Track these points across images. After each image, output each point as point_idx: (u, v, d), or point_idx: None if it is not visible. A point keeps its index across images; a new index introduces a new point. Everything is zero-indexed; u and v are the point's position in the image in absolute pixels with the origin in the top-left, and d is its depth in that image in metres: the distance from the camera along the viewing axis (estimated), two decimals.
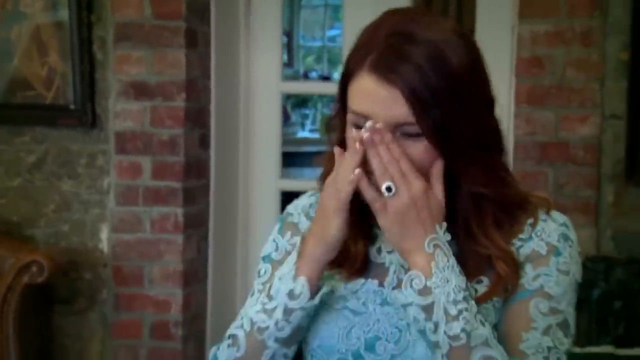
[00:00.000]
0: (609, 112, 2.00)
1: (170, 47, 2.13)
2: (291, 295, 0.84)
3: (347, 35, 2.12)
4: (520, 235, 0.84)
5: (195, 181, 2.25)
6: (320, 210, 0.84)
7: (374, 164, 0.77)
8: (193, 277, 2.19)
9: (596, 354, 1.99)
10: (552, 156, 2.00)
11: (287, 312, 0.84)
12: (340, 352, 0.88)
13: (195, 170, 2.24)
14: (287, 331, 0.85)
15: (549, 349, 0.81)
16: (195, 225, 2.23)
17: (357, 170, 0.77)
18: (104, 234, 2.26)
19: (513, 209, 0.85)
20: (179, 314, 2.15)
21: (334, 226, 0.81)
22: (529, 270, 0.83)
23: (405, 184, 0.78)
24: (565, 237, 0.85)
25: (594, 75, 1.99)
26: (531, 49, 2.00)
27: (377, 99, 0.77)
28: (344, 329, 0.88)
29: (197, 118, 2.24)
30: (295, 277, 0.83)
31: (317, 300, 0.84)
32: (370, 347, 0.87)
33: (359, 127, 0.78)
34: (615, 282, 1.95)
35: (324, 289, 0.84)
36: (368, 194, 0.77)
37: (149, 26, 2.12)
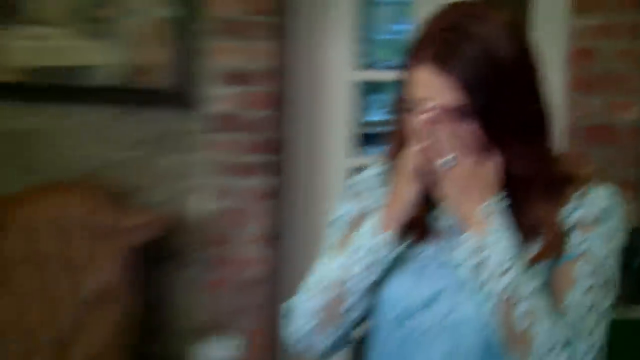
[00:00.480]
0: None
1: (259, 39, 2.27)
2: (374, 249, 0.92)
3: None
4: (568, 205, 0.91)
5: (277, 157, 2.39)
6: (398, 178, 0.92)
7: (437, 138, 0.85)
8: (273, 241, 2.35)
9: (636, 320, 2.06)
10: (598, 138, 2.11)
11: (370, 264, 0.93)
12: (401, 307, 0.97)
13: (278, 147, 2.39)
14: (368, 281, 0.94)
15: (589, 307, 0.86)
16: (276, 196, 2.37)
17: (420, 145, 0.86)
18: (199, 202, 2.40)
19: (559, 183, 0.92)
20: (260, 274, 2.31)
21: (409, 191, 0.89)
22: (576, 236, 0.89)
23: (466, 156, 0.85)
24: (611, 206, 0.91)
25: (639, 66, 2.07)
26: (582, 41, 2.10)
27: (434, 86, 0.84)
28: (407, 287, 0.97)
29: (280, 102, 2.37)
30: (377, 234, 0.92)
31: (396, 253, 0.93)
32: (428, 303, 0.95)
33: (417, 110, 0.87)
34: None
35: (402, 244, 0.93)
36: (431, 164, 0.86)
37: (241, 21, 2.27)
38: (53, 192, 2.36)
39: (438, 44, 0.85)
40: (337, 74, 2.50)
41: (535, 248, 0.90)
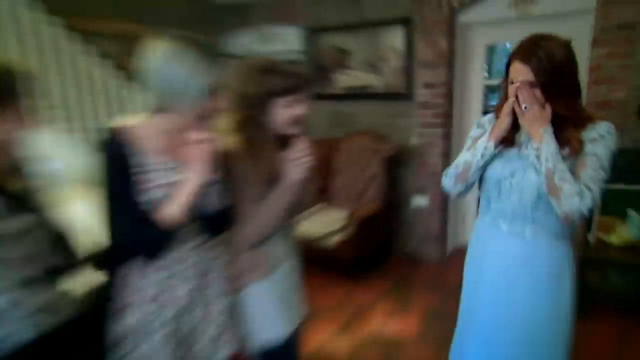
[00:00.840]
0: (634, 85, 2.79)
1: (438, 68, 3.50)
2: (486, 148, 1.29)
3: None
4: (586, 130, 1.20)
5: (446, 120, 3.59)
6: (499, 115, 1.27)
7: (520, 96, 1.17)
8: (444, 156, 3.58)
9: (616, 189, 2.79)
10: (604, 107, 2.90)
11: (483, 155, 1.30)
12: (497, 178, 1.35)
13: (447, 115, 3.60)
14: (481, 164, 1.32)
15: (593, 178, 1.17)
16: (446, 136, 3.59)
17: (512, 99, 1.21)
18: (413, 139, 3.72)
19: (583, 120, 1.22)
20: (439, 168, 3.45)
21: (506, 122, 1.24)
22: (588, 145, 1.18)
23: (534, 105, 1.17)
24: (608, 131, 1.21)
25: (625, 72, 2.77)
26: (596, 60, 2.91)
27: (520, 72, 1.17)
28: (500, 167, 1.33)
29: (448, 96, 3.56)
30: (487, 141, 1.28)
31: (496, 151, 1.29)
32: (510, 176, 1.32)
33: (512, 83, 1.21)
34: None
35: (499, 147, 1.29)
36: (517, 109, 1.20)
37: (430, 61, 3.51)
38: (357, 136, 3.82)
39: (523, 51, 1.17)
40: (475, 82, 3.63)
41: (567, 151, 1.21)
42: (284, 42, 4.26)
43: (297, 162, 1.40)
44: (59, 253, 1.23)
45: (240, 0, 4.36)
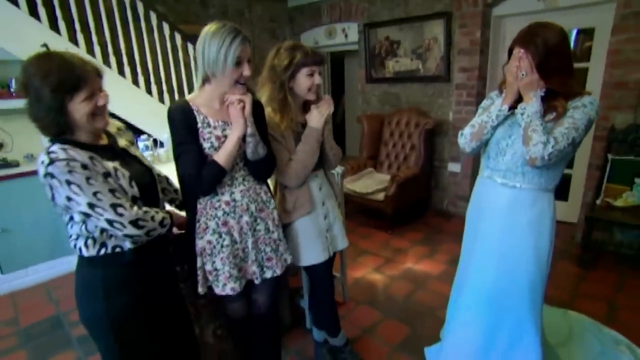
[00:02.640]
0: None
1: (473, 55, 3.50)
2: (500, 111, 1.30)
3: None
4: (573, 101, 1.23)
5: (480, 98, 3.55)
6: (508, 82, 1.29)
7: (522, 64, 1.19)
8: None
9: None
10: (620, 87, 2.79)
11: (497, 116, 1.31)
12: (497, 139, 1.37)
13: (479, 94, 3.57)
14: (493, 124, 1.33)
15: (563, 134, 1.18)
16: None
17: (515, 64, 1.22)
18: (450, 114, 3.67)
19: (573, 94, 1.24)
20: None
21: (515, 86, 1.25)
22: (570, 110, 1.21)
23: (531, 73, 1.18)
24: (590, 102, 1.23)
25: None
26: (615, 45, 2.77)
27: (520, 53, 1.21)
28: (503, 131, 1.37)
29: (480, 78, 3.56)
30: (502, 105, 1.30)
31: (509, 113, 1.29)
32: (508, 137, 1.35)
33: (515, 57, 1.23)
34: None
35: (510, 111, 1.32)
36: (518, 74, 1.21)
37: (466, 49, 3.50)
38: (402, 112, 3.92)
39: (523, 37, 1.20)
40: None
41: (554, 115, 1.24)
42: (346, 35, 4.39)
43: (315, 114, 1.51)
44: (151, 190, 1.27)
45: (310, 1, 4.51)
